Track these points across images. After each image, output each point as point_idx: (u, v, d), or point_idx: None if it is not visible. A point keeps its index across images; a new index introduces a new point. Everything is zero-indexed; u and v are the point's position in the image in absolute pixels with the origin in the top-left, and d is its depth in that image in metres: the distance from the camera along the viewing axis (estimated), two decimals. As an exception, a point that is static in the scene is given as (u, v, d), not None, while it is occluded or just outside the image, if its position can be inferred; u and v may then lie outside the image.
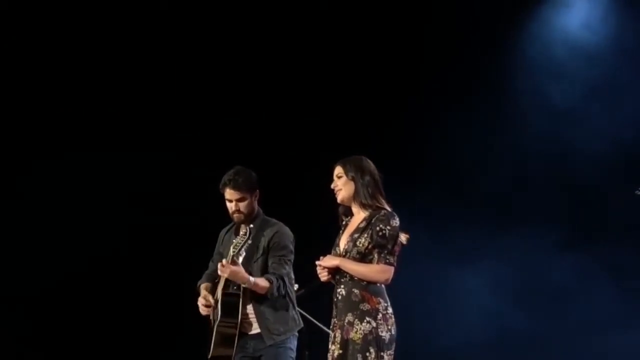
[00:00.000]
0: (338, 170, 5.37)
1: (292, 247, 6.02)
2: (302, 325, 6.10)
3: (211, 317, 5.99)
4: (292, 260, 6.01)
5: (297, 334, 6.05)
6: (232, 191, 5.96)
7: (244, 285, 5.79)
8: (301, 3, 8.72)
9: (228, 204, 6.03)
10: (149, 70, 8.80)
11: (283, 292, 5.87)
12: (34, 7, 8.72)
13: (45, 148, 8.77)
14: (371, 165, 5.36)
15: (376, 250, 5.21)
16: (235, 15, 8.83)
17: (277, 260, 5.93)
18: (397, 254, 5.25)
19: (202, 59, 8.84)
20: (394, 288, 5.33)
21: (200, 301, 6.00)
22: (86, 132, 8.81)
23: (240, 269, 5.72)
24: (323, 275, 5.30)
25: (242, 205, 5.99)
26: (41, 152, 8.75)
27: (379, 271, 5.20)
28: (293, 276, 6.05)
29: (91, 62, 8.83)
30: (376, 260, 5.21)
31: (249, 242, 5.84)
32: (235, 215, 6.03)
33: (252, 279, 5.77)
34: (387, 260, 5.21)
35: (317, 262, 5.33)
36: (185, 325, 6.88)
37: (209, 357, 5.95)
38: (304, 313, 6.57)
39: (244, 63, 8.83)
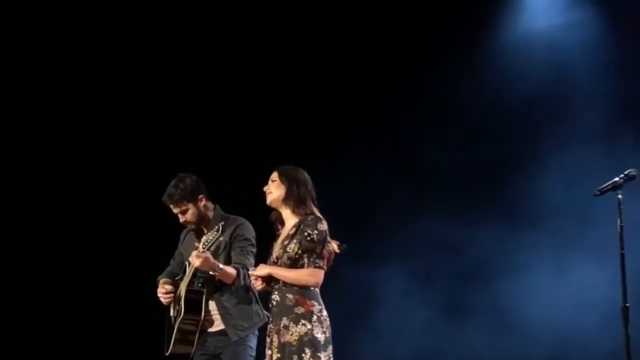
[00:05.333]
0: (274, 175, 5.59)
1: (254, 240, 6.08)
2: (266, 319, 6.13)
3: (172, 314, 6.04)
4: (254, 254, 6.05)
5: (257, 332, 6.11)
6: (172, 206, 6.08)
7: (212, 273, 5.81)
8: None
9: (178, 216, 6.13)
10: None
11: (248, 282, 5.90)
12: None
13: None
14: (306, 176, 5.58)
15: (305, 255, 5.38)
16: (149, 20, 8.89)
17: (240, 251, 6.00)
18: (325, 257, 5.41)
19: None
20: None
21: (160, 291, 6.08)
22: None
23: (210, 256, 5.77)
24: (257, 285, 5.49)
25: (188, 215, 6.09)
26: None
27: (308, 275, 5.38)
28: None
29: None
30: (306, 264, 5.38)
31: (220, 238, 5.87)
32: (187, 225, 6.15)
33: (221, 265, 5.81)
34: (317, 264, 5.40)
35: (249, 272, 5.55)
36: (144, 324, 6.87)
37: (167, 354, 6.00)
38: (267, 313, 6.57)
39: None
